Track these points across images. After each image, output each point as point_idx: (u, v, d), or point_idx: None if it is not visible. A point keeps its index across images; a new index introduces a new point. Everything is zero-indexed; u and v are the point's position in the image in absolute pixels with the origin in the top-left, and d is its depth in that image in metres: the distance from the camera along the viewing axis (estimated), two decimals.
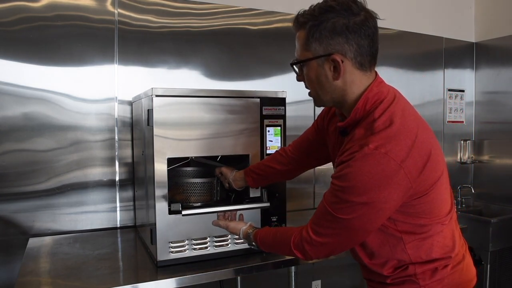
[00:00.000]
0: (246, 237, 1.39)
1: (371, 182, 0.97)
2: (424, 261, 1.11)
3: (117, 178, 2.10)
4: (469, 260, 1.21)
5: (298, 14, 1.09)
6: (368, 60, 1.07)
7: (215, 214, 1.57)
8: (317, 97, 1.15)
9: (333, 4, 1.03)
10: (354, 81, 1.07)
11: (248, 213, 1.63)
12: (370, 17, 1.06)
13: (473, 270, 1.21)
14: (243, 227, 1.42)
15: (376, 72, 1.13)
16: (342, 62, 1.04)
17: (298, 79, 1.17)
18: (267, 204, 1.63)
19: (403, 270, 1.12)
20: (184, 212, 1.49)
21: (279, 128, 1.72)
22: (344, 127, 1.12)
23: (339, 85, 1.07)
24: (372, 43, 1.06)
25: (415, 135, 1.00)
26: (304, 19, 1.07)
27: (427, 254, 1.11)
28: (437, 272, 1.11)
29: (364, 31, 1.04)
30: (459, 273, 1.15)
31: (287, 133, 1.75)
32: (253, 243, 1.36)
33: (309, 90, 1.17)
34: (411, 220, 1.08)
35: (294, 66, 1.14)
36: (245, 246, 1.67)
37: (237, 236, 1.48)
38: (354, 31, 1.03)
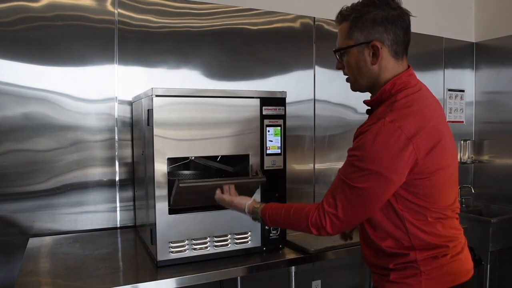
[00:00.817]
0: (252, 212, 1.39)
1: (384, 152, 1.08)
2: (424, 247, 1.17)
3: (117, 178, 2.10)
4: (467, 253, 1.27)
5: (341, 9, 1.25)
6: (402, 49, 1.21)
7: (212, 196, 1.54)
8: (354, 82, 1.28)
9: (371, 1, 1.19)
10: (387, 67, 1.21)
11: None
12: (405, 13, 1.21)
13: (470, 263, 1.27)
14: (247, 202, 1.43)
15: (409, 65, 1.26)
16: (381, 48, 1.18)
17: (338, 67, 1.31)
18: (264, 179, 1.61)
19: (404, 256, 1.18)
20: (181, 185, 1.45)
21: (279, 128, 1.72)
22: (370, 104, 1.26)
23: (375, 70, 1.21)
24: (405, 34, 1.21)
25: (429, 120, 1.12)
26: (347, 12, 1.22)
27: (427, 239, 1.17)
28: (437, 259, 1.18)
29: (400, 23, 1.19)
30: (458, 262, 1.21)
31: (287, 133, 1.76)
32: (259, 217, 1.37)
33: (347, 77, 1.30)
34: (411, 199, 1.15)
35: (336, 54, 1.28)
36: (245, 246, 1.68)
37: (241, 211, 1.44)
38: (392, 22, 1.17)
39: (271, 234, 1.72)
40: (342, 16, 1.24)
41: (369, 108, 1.28)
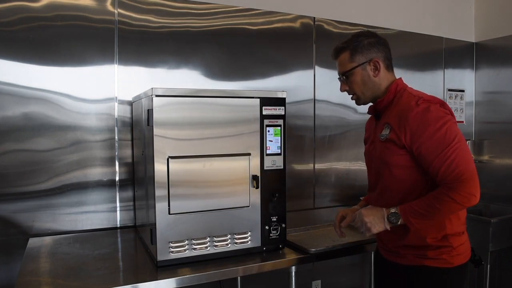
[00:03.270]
0: (391, 215, 1.39)
1: (440, 111, 1.38)
2: (455, 224, 1.44)
3: (117, 178, 2.10)
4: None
5: (336, 46, 1.59)
6: (390, 63, 1.58)
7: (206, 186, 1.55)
8: (361, 95, 1.57)
9: (360, 33, 1.58)
10: (385, 78, 1.55)
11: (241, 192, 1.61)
12: (384, 38, 1.59)
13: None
14: (382, 211, 1.42)
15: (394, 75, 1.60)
16: (379, 63, 1.53)
17: (343, 89, 1.60)
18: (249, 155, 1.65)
19: (441, 229, 1.42)
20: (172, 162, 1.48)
21: (279, 128, 1.72)
22: (381, 106, 1.54)
23: (377, 81, 1.54)
24: (389, 52, 1.58)
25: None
26: (343, 45, 1.56)
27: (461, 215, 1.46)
28: (463, 235, 1.48)
29: (386, 45, 1.57)
30: (468, 241, 1.51)
31: (287, 133, 1.76)
32: (399, 219, 1.38)
33: (351, 95, 1.60)
34: None
35: (342, 78, 1.58)
36: (245, 246, 1.68)
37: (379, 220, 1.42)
38: (381, 44, 1.56)
39: (271, 234, 1.72)
40: (339, 49, 1.57)
41: (379, 110, 1.57)
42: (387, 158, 1.46)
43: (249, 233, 1.69)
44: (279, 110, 1.72)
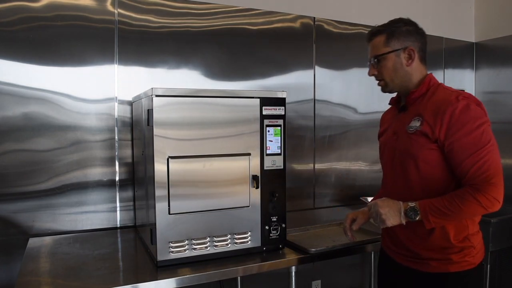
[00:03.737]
0: (410, 209, 1.35)
1: (478, 111, 1.35)
2: (475, 222, 1.44)
3: (117, 178, 2.10)
4: None
5: (373, 28, 1.54)
6: (424, 56, 1.52)
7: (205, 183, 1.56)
8: (390, 82, 1.52)
9: (399, 19, 1.53)
10: (418, 69, 1.50)
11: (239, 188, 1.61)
12: (420, 28, 1.54)
13: None
14: (399, 204, 1.38)
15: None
16: (414, 52, 1.48)
17: (371, 73, 1.54)
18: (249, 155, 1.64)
19: (464, 229, 1.40)
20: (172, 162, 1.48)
21: (279, 128, 1.72)
22: (410, 99, 1.49)
23: (408, 71, 1.49)
24: (426, 44, 1.53)
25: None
26: (380, 28, 1.51)
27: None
28: (479, 234, 1.45)
29: (422, 35, 1.52)
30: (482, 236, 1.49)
31: (287, 133, 1.76)
32: (417, 215, 1.34)
33: (379, 81, 1.54)
34: None
35: (372, 61, 1.52)
36: (245, 246, 1.68)
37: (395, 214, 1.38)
38: (419, 34, 1.51)
39: (271, 234, 1.72)
40: (375, 32, 1.52)
41: (396, 104, 1.59)
42: (414, 151, 1.40)
43: (249, 233, 1.69)
44: (279, 110, 1.72)
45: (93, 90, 2.04)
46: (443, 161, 1.37)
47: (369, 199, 2.56)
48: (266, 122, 1.69)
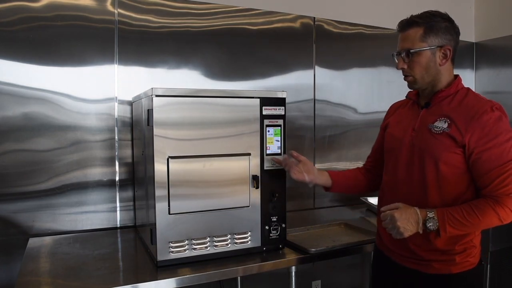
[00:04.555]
0: (428, 220, 1.31)
1: (508, 124, 1.33)
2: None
3: (117, 178, 2.10)
4: None
5: (411, 16, 1.44)
6: (454, 56, 1.45)
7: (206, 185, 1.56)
8: (420, 80, 1.44)
9: (436, 12, 1.45)
10: (448, 69, 1.44)
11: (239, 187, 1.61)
12: (457, 26, 1.46)
13: None
14: (417, 215, 1.32)
15: None
16: (450, 52, 1.41)
17: (400, 66, 1.45)
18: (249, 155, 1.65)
19: (470, 235, 1.40)
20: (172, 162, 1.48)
21: (279, 128, 1.72)
22: (437, 98, 1.44)
23: (440, 70, 1.42)
24: (458, 44, 1.45)
25: None
26: (418, 20, 1.41)
27: None
28: (480, 236, 1.45)
29: (458, 34, 1.45)
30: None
31: (287, 133, 1.76)
32: (436, 225, 1.31)
33: (406, 76, 1.46)
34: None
35: (404, 54, 1.43)
36: (245, 246, 1.68)
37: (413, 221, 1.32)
38: (456, 33, 1.44)
39: (271, 234, 1.72)
40: (411, 22, 1.42)
41: (416, 99, 1.54)
42: (438, 152, 1.36)
43: (249, 233, 1.69)
44: (279, 110, 1.72)
45: (93, 90, 2.04)
46: (465, 166, 1.35)
47: (369, 199, 2.57)
48: (266, 122, 1.69)
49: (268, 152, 1.70)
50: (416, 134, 1.45)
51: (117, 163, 2.10)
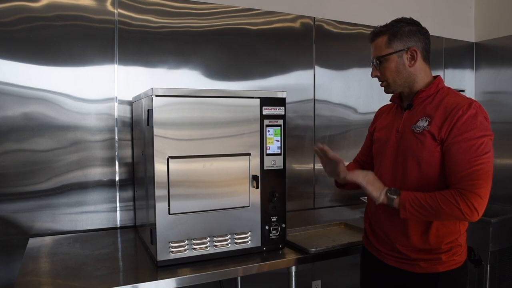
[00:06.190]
0: (393, 190, 1.40)
1: (485, 123, 1.35)
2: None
3: (117, 178, 2.10)
4: None
5: (375, 28, 1.51)
6: (428, 55, 1.50)
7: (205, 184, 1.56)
8: (392, 83, 1.50)
9: (402, 18, 1.50)
10: (421, 69, 1.48)
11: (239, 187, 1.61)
12: (426, 29, 1.51)
13: None
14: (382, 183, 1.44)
15: None
16: (417, 53, 1.45)
17: (374, 74, 1.53)
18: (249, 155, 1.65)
19: (455, 231, 1.43)
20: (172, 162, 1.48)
21: (279, 128, 1.72)
22: (417, 99, 1.48)
23: (412, 71, 1.47)
24: (429, 44, 1.50)
25: None
26: (383, 29, 1.49)
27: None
28: (465, 234, 1.48)
29: (427, 36, 1.50)
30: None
31: (287, 133, 1.76)
32: (398, 194, 1.38)
33: (381, 82, 1.53)
34: None
35: (375, 62, 1.51)
36: (245, 246, 1.68)
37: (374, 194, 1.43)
38: (422, 34, 1.48)
39: (271, 234, 1.72)
40: (376, 33, 1.50)
41: (399, 102, 1.58)
42: (419, 151, 1.40)
43: (249, 233, 1.69)
44: (279, 110, 1.72)
45: (93, 90, 2.04)
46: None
47: None
48: (266, 122, 1.69)
49: (268, 152, 1.70)
50: (400, 135, 1.49)
51: (117, 163, 2.10)
